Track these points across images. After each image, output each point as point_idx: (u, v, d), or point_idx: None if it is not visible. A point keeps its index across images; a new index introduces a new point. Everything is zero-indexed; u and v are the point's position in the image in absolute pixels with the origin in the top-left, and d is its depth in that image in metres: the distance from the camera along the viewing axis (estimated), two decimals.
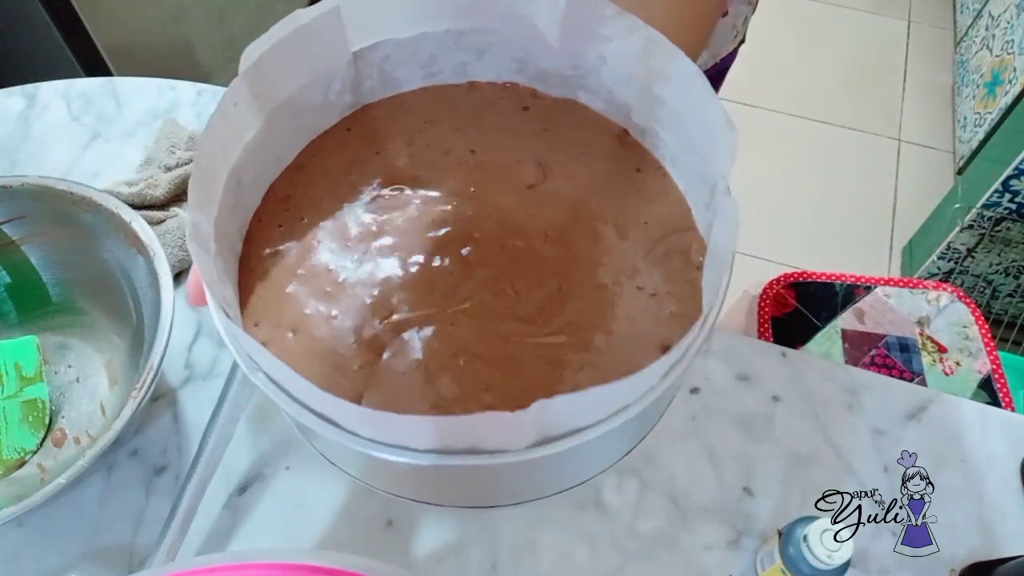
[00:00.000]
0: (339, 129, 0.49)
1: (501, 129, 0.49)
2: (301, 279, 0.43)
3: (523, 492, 0.41)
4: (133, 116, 0.79)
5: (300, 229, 0.45)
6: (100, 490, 0.57)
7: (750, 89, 1.87)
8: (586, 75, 0.47)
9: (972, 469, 0.60)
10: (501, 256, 0.44)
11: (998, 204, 1.31)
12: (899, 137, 1.85)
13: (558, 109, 0.49)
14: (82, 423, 0.59)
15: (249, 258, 0.44)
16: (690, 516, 0.57)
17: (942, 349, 0.99)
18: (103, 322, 0.61)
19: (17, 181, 0.57)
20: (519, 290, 0.43)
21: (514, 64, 0.49)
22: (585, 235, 0.45)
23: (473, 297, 0.42)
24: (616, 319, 0.42)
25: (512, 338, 0.41)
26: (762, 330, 1.01)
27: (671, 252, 0.44)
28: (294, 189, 0.46)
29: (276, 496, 0.57)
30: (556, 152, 0.48)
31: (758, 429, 0.61)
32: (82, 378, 0.61)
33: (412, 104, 0.50)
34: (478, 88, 0.50)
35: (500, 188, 0.46)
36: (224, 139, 0.40)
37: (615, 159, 0.47)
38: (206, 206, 0.38)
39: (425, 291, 0.42)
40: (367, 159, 0.48)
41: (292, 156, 0.47)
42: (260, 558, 0.33)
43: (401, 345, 0.41)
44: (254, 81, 0.40)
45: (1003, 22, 1.66)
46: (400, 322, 0.41)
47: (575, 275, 0.43)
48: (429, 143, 0.48)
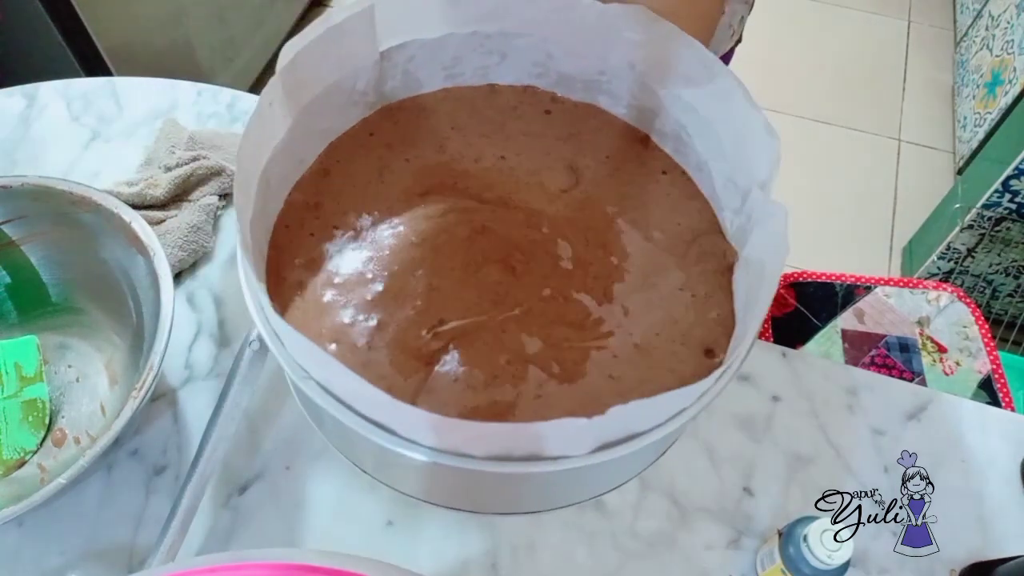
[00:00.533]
0: (361, 133, 0.48)
1: (527, 134, 0.49)
2: (339, 289, 0.42)
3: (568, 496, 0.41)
4: (133, 116, 0.79)
5: (334, 238, 0.44)
6: (100, 490, 0.57)
7: (750, 89, 1.87)
8: (612, 80, 0.47)
9: (972, 469, 0.60)
10: (546, 262, 0.44)
11: (998, 204, 1.31)
12: (899, 137, 1.85)
13: (580, 114, 0.49)
14: (82, 423, 0.59)
15: (280, 266, 0.43)
16: (690, 516, 0.57)
17: (942, 349, 0.99)
18: (103, 322, 0.61)
19: (17, 181, 0.57)
20: (567, 295, 0.43)
21: (535, 68, 0.49)
22: (622, 237, 0.45)
23: (523, 304, 0.42)
24: (661, 321, 0.42)
25: (563, 343, 0.41)
26: (762, 330, 1.01)
27: (704, 254, 0.44)
28: (323, 196, 0.46)
29: (276, 496, 0.57)
30: (584, 156, 0.48)
31: (758, 429, 0.61)
32: (82, 378, 0.61)
33: (433, 107, 0.49)
34: (498, 91, 0.50)
35: (535, 193, 0.46)
36: (259, 139, 0.40)
37: (641, 162, 0.48)
38: (245, 209, 0.38)
39: (474, 300, 0.42)
40: (396, 166, 0.47)
41: (313, 158, 0.47)
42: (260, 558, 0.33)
43: (453, 353, 0.40)
44: (288, 79, 0.40)
45: (1003, 22, 1.66)
46: (450, 331, 0.41)
47: (618, 278, 0.43)
48: (459, 150, 0.48)
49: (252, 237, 0.39)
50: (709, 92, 0.41)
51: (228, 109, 0.80)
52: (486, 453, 0.32)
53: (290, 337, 0.32)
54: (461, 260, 0.44)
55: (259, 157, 0.40)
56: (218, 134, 0.75)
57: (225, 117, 0.80)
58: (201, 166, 0.70)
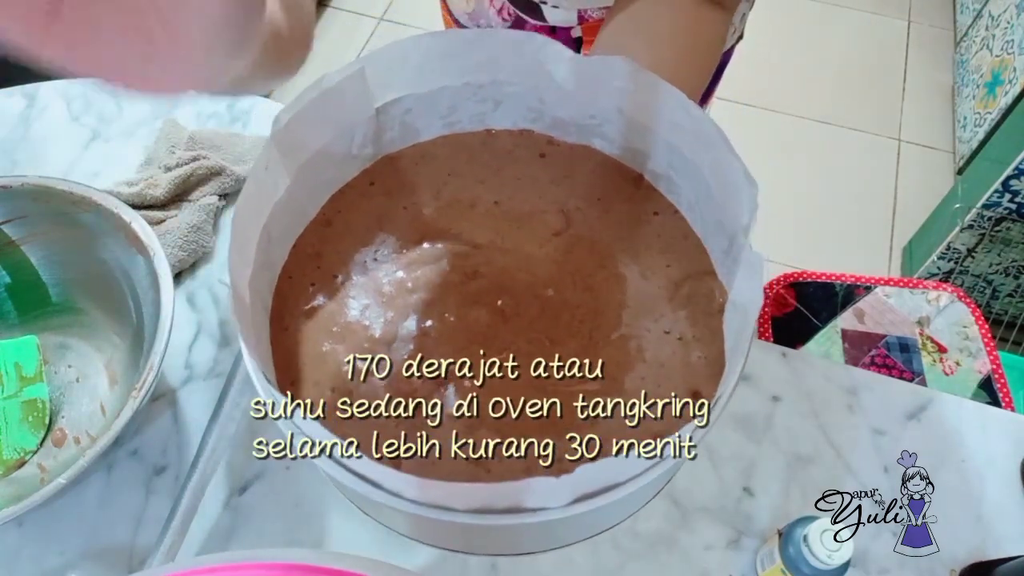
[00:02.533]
0: (362, 183, 0.49)
1: (522, 178, 0.49)
2: (337, 337, 0.43)
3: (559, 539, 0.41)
4: (133, 116, 0.79)
5: (333, 287, 0.45)
6: (100, 490, 0.57)
7: (750, 89, 1.87)
8: (603, 124, 0.48)
9: (972, 469, 0.60)
10: (534, 306, 0.45)
11: (998, 204, 1.31)
12: (899, 137, 1.85)
13: (574, 155, 0.50)
14: (82, 423, 0.59)
15: (282, 316, 0.44)
16: (690, 516, 0.57)
17: (942, 349, 0.99)
18: (103, 322, 0.61)
19: (17, 181, 0.57)
20: (553, 339, 0.43)
21: (530, 113, 0.49)
22: (611, 280, 0.46)
23: (510, 347, 0.43)
24: (647, 364, 0.42)
25: (548, 387, 0.41)
26: (762, 330, 1.01)
27: (694, 296, 0.45)
28: (324, 246, 0.47)
29: (276, 496, 0.57)
30: (577, 198, 0.48)
31: (758, 429, 0.61)
32: (82, 378, 0.61)
33: (432, 154, 0.50)
34: (495, 136, 0.51)
35: (527, 237, 0.47)
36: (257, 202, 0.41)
37: (633, 203, 0.48)
38: (243, 268, 0.39)
39: (463, 343, 0.43)
40: (395, 214, 0.48)
41: (316, 210, 0.48)
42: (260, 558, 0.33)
43: (439, 398, 0.41)
44: (282, 141, 0.41)
45: (1003, 22, 1.66)
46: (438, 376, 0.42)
47: (604, 321, 0.44)
48: (455, 196, 0.49)
49: (253, 290, 0.40)
50: (693, 138, 0.42)
51: (228, 109, 0.80)
52: (467, 507, 0.33)
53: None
54: (452, 305, 0.45)
55: (258, 218, 0.42)
56: (218, 134, 0.75)
57: (225, 117, 0.80)
58: (201, 166, 0.70)
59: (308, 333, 0.43)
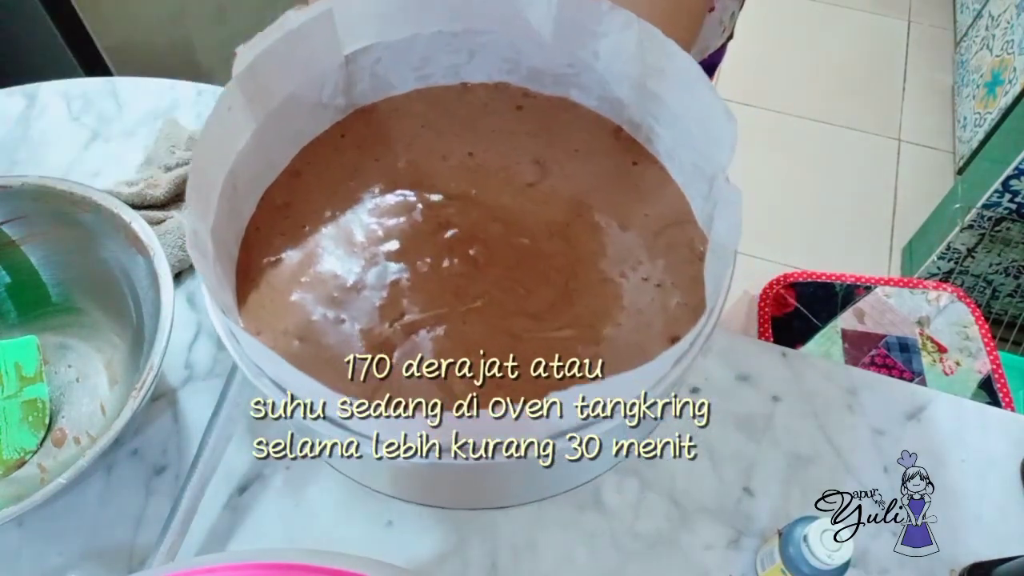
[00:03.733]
0: (333, 135, 0.49)
1: (497, 130, 0.49)
2: (306, 286, 0.43)
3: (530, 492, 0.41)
4: (133, 116, 0.79)
5: (302, 237, 0.45)
6: (100, 490, 0.57)
7: (750, 89, 1.87)
8: (580, 72, 0.47)
9: (972, 469, 0.60)
10: (508, 255, 0.44)
11: (998, 204, 1.31)
12: (899, 137, 1.85)
13: (552, 108, 0.49)
14: (82, 423, 0.59)
15: (249, 267, 0.44)
16: (690, 516, 0.57)
17: (942, 349, 0.99)
18: (103, 322, 0.61)
19: (17, 181, 0.57)
20: (528, 287, 0.43)
21: (505, 64, 0.49)
22: (588, 230, 0.45)
23: (484, 296, 0.42)
24: (624, 311, 0.42)
25: (523, 335, 0.41)
26: (762, 330, 1.01)
27: (673, 244, 0.44)
28: (293, 196, 0.46)
29: (276, 496, 0.57)
30: (553, 150, 0.48)
31: (758, 429, 0.61)
32: (82, 378, 0.61)
33: (406, 108, 0.50)
34: (470, 89, 0.50)
35: (501, 188, 0.47)
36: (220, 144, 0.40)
37: (612, 154, 0.48)
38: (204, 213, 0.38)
39: (436, 292, 0.43)
40: (366, 165, 0.48)
41: (286, 162, 0.47)
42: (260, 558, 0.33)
43: (412, 346, 0.41)
44: (247, 85, 0.40)
45: (1003, 22, 1.66)
46: (411, 323, 0.41)
47: (581, 270, 0.43)
48: (428, 148, 0.48)
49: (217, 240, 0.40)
50: (671, 79, 0.42)
51: None
52: None
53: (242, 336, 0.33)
54: (425, 255, 0.44)
55: (222, 162, 0.41)
56: None
57: None
58: None
59: (276, 283, 0.43)
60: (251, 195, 0.45)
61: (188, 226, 0.36)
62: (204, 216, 0.38)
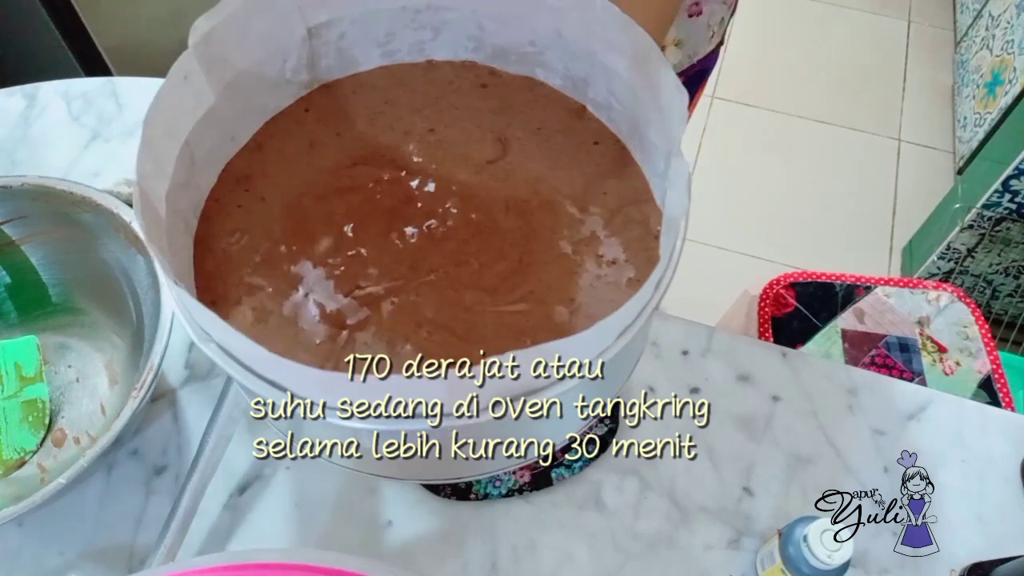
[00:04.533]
0: (297, 110, 0.49)
1: (460, 108, 0.49)
2: (264, 257, 0.43)
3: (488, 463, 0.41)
4: (133, 116, 0.79)
5: (261, 209, 0.45)
6: (100, 490, 0.57)
7: (750, 89, 1.87)
8: (543, 51, 0.47)
9: (972, 469, 0.60)
10: (464, 230, 0.45)
11: (998, 204, 1.31)
12: (899, 137, 1.85)
13: (516, 86, 0.50)
14: (82, 423, 0.59)
15: (207, 238, 0.44)
16: (690, 516, 0.57)
17: (942, 349, 0.99)
18: (103, 322, 0.61)
19: (17, 181, 0.57)
20: (483, 261, 0.43)
21: (470, 42, 0.49)
22: (545, 207, 0.45)
23: (438, 269, 0.43)
24: (577, 287, 0.42)
25: (475, 308, 0.41)
26: (762, 330, 1.01)
27: (630, 222, 0.45)
28: (252, 169, 0.46)
29: (276, 496, 0.57)
30: (515, 128, 0.48)
31: (758, 429, 0.61)
32: (82, 378, 0.61)
33: (371, 84, 0.50)
34: (436, 67, 0.51)
35: (460, 165, 0.47)
36: (174, 112, 0.40)
37: (573, 133, 0.48)
38: (157, 178, 0.38)
39: (391, 264, 0.43)
40: (327, 140, 0.48)
41: (248, 136, 0.48)
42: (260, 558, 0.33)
43: (364, 317, 0.41)
44: (204, 54, 0.40)
45: (1003, 22, 1.66)
46: (365, 296, 0.42)
47: (536, 246, 0.44)
48: (389, 123, 0.49)
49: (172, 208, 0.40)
50: (630, 56, 0.42)
51: None
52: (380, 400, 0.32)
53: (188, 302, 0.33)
54: (382, 229, 0.45)
55: (176, 130, 0.41)
56: None
57: None
58: None
59: (233, 254, 0.43)
60: (210, 167, 0.45)
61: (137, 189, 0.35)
62: (158, 180, 0.38)
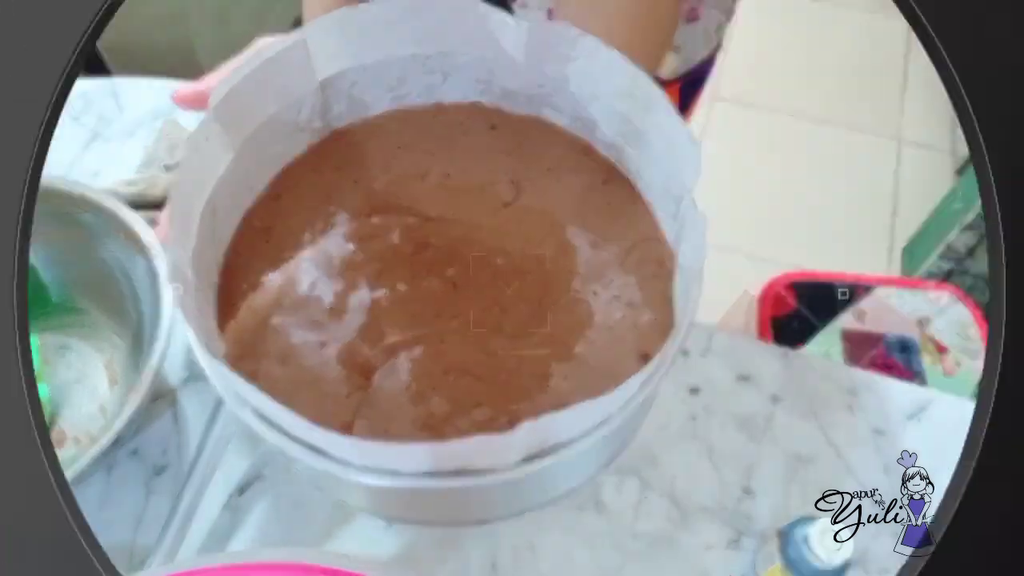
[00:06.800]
0: (312, 158, 0.49)
1: (472, 150, 0.50)
2: (287, 310, 0.43)
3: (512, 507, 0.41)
4: (133, 116, 0.79)
5: (282, 260, 0.45)
6: (100, 490, 0.57)
7: (750, 89, 1.87)
8: (552, 93, 0.48)
9: None
10: (484, 274, 0.45)
11: None
12: (899, 137, 1.85)
13: (525, 127, 0.50)
14: (82, 423, 0.59)
15: (230, 291, 0.44)
16: (690, 516, 0.57)
17: (942, 349, 0.99)
18: (103, 322, 0.61)
19: None
20: (503, 306, 0.44)
21: (479, 85, 0.50)
22: (561, 248, 0.46)
23: (460, 315, 0.43)
24: (595, 328, 0.43)
25: (499, 352, 0.42)
26: (762, 330, 1.01)
27: (643, 261, 0.45)
28: (273, 220, 0.47)
29: (276, 496, 0.57)
30: (527, 169, 0.49)
31: (758, 429, 0.61)
32: (82, 378, 0.61)
33: (382, 128, 0.50)
34: (445, 109, 0.51)
35: (477, 208, 0.47)
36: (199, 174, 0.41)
37: (584, 172, 0.49)
38: (184, 241, 0.39)
39: (415, 313, 0.43)
40: (344, 187, 0.48)
41: (265, 185, 0.48)
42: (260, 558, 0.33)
43: (391, 367, 0.41)
44: (223, 115, 0.41)
45: None
46: (391, 345, 0.42)
47: (554, 288, 0.44)
48: (405, 169, 0.49)
49: (198, 267, 0.40)
50: (637, 103, 0.43)
51: None
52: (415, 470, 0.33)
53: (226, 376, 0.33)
54: (404, 276, 0.45)
55: (200, 191, 0.41)
56: None
57: None
58: None
59: (257, 307, 0.43)
60: (231, 219, 0.46)
61: (168, 257, 0.36)
62: (184, 244, 0.39)
